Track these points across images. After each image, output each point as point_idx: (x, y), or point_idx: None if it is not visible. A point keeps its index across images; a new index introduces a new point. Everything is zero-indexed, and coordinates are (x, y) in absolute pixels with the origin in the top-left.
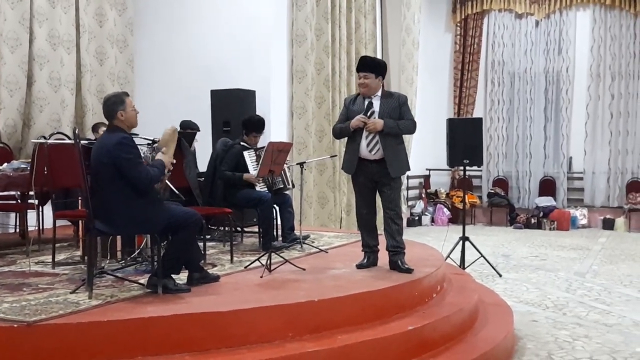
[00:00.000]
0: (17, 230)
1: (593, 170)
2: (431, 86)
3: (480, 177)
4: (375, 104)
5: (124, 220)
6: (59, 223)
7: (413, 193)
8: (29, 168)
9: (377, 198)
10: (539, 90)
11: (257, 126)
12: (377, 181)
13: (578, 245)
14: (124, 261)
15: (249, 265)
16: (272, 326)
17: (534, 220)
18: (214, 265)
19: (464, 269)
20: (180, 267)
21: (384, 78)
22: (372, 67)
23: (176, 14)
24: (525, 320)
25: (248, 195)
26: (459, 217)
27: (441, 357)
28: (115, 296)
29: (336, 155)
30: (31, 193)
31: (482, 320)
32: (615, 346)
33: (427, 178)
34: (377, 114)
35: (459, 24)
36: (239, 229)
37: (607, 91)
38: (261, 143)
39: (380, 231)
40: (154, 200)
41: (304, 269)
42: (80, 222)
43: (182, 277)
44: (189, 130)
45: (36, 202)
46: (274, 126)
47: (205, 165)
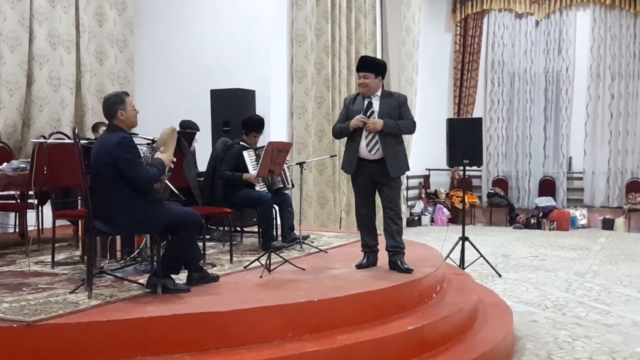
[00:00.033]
0: (17, 230)
1: (593, 171)
2: (431, 86)
3: (480, 177)
4: (375, 104)
5: (124, 220)
6: (59, 223)
7: (413, 193)
8: (29, 168)
9: (377, 198)
10: (538, 90)
11: (257, 126)
12: (377, 181)
13: (578, 246)
14: (123, 261)
15: (249, 265)
16: (272, 326)
17: (533, 221)
18: (214, 265)
19: (464, 269)
20: (179, 267)
21: (383, 78)
22: (372, 67)
23: (176, 13)
24: (524, 321)
25: (248, 195)
26: (458, 217)
27: (441, 357)
28: (115, 296)
29: (336, 155)
30: (31, 193)
31: (482, 320)
32: (615, 346)
33: (427, 178)
34: (377, 114)
35: (459, 24)
36: (238, 228)
37: (607, 91)
38: (261, 143)
39: (379, 231)
40: (153, 200)
41: (304, 269)
42: (79, 222)
43: (182, 277)
44: (188, 130)
45: (36, 202)
46: (274, 126)
47: (205, 165)
